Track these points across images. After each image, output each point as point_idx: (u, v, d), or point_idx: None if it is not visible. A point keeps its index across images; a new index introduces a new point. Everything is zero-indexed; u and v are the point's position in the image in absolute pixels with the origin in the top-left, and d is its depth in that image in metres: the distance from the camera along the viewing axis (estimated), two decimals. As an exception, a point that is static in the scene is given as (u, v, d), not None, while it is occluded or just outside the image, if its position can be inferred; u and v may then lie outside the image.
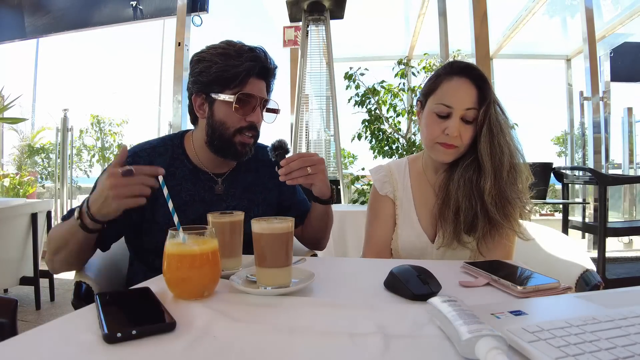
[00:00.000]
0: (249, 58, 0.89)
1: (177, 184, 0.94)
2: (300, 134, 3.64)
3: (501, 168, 0.90)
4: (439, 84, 0.95)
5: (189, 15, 3.55)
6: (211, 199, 0.95)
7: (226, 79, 0.88)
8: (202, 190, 0.96)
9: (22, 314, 2.24)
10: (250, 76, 0.90)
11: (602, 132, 3.60)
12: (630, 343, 0.39)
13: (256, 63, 0.90)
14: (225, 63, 0.88)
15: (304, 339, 0.47)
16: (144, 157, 0.93)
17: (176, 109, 3.43)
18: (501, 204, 0.89)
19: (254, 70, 0.90)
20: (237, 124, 0.91)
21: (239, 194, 1.00)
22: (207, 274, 0.62)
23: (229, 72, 0.88)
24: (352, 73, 3.06)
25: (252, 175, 1.03)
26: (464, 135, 0.92)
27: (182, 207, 0.91)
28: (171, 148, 0.97)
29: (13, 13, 4.07)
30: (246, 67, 0.88)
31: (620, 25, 4.19)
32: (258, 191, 1.03)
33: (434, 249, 0.99)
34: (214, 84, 0.89)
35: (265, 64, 0.92)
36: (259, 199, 1.03)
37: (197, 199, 0.94)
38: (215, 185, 0.97)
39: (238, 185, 1.00)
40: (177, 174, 0.95)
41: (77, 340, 0.46)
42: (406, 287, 0.61)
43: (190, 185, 0.95)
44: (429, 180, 1.04)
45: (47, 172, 5.25)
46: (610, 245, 3.24)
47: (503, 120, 0.93)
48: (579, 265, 0.97)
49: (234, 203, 0.98)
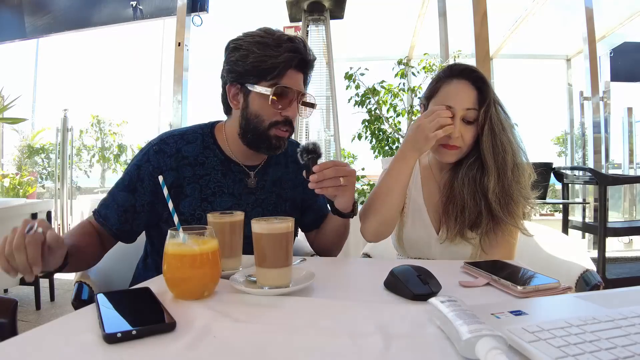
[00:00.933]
0: (288, 49, 0.84)
1: (206, 174, 0.91)
2: (300, 134, 3.64)
3: (505, 166, 0.91)
4: (439, 88, 0.97)
5: (189, 15, 3.55)
6: (241, 192, 0.93)
7: (263, 70, 0.84)
8: (231, 182, 0.92)
9: (22, 314, 2.24)
10: (289, 68, 0.85)
11: (602, 132, 3.60)
12: (631, 343, 0.39)
13: (295, 54, 0.85)
14: (263, 53, 0.83)
15: (304, 339, 0.47)
16: (171, 144, 0.91)
17: (176, 109, 3.43)
18: (505, 202, 0.91)
19: (292, 62, 0.85)
20: (273, 117, 0.87)
21: (268, 188, 0.97)
22: (207, 274, 0.62)
23: (267, 62, 0.83)
24: (352, 73, 3.06)
25: (281, 169, 1.00)
26: (465, 136, 0.93)
27: (209, 198, 0.89)
28: (201, 136, 0.94)
29: (13, 13, 4.07)
30: (285, 58, 0.83)
31: (620, 25, 4.19)
32: (287, 187, 1.00)
33: (437, 242, 1.00)
34: (250, 74, 0.85)
35: (304, 55, 0.87)
36: (287, 195, 1.00)
37: (226, 191, 0.92)
38: (247, 179, 0.94)
39: (268, 178, 0.97)
40: (207, 164, 0.92)
41: (77, 341, 0.46)
42: (406, 287, 0.61)
43: (220, 176, 0.92)
44: (434, 177, 1.06)
45: (47, 172, 5.25)
46: (610, 245, 3.24)
47: (504, 120, 0.94)
48: (579, 265, 0.97)
49: (263, 196, 0.95)
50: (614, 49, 4.12)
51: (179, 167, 0.89)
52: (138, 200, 0.88)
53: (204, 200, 0.89)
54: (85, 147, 5.66)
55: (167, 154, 0.90)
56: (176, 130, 0.95)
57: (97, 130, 5.59)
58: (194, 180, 0.90)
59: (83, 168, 5.61)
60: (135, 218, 0.88)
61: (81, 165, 5.59)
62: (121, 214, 0.88)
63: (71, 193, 3.84)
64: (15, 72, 5.42)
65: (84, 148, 5.66)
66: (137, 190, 0.88)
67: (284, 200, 0.99)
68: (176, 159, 0.90)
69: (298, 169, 1.00)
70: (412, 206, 1.05)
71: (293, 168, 1.02)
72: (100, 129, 5.59)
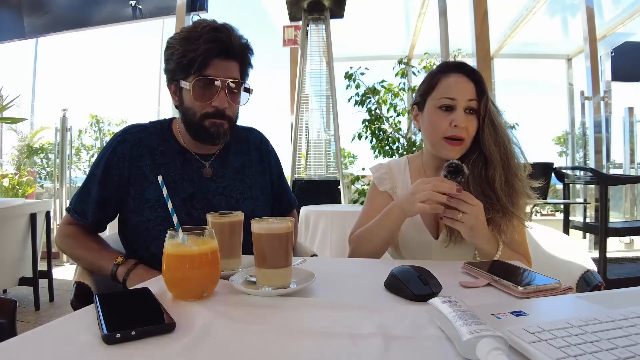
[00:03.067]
0: (207, 39, 0.83)
1: (166, 162, 0.94)
2: (300, 133, 3.64)
3: (507, 157, 0.92)
4: (437, 82, 0.98)
5: (189, 15, 3.55)
6: (200, 180, 0.95)
7: (186, 65, 0.85)
8: (190, 170, 0.95)
9: (21, 314, 2.24)
10: (211, 58, 0.85)
11: (603, 132, 3.60)
12: (632, 343, 0.39)
13: (214, 44, 0.84)
14: (185, 48, 0.84)
15: (304, 339, 0.47)
16: (134, 134, 0.95)
17: (176, 110, 3.43)
18: (509, 192, 0.91)
19: (212, 52, 0.84)
20: (202, 109, 0.88)
21: (229, 175, 0.98)
22: (206, 275, 0.62)
23: (187, 57, 0.84)
24: (352, 72, 3.06)
25: (243, 156, 1.03)
26: (469, 127, 0.94)
27: (172, 185, 0.92)
28: (160, 130, 0.98)
29: (12, 13, 4.06)
30: (203, 49, 0.83)
31: (621, 25, 4.19)
32: (251, 173, 1.03)
33: (437, 246, 0.99)
34: (178, 71, 0.87)
35: (226, 43, 0.85)
36: (253, 181, 1.02)
37: (186, 179, 0.94)
38: (202, 168, 0.96)
39: (228, 166, 0.99)
40: (167, 153, 0.95)
41: (76, 341, 0.45)
42: (407, 287, 0.61)
43: (179, 164, 0.95)
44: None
45: (46, 172, 5.25)
46: (611, 246, 3.23)
47: (498, 115, 0.96)
48: (580, 266, 0.97)
49: (224, 184, 0.97)
50: (615, 48, 4.12)
51: (141, 155, 0.93)
52: (107, 190, 0.92)
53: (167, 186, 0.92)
54: (85, 147, 5.66)
55: (130, 142, 0.93)
56: (138, 124, 0.99)
57: (97, 130, 5.59)
58: (155, 168, 0.93)
59: (82, 168, 5.60)
60: (106, 208, 0.93)
61: (80, 165, 5.59)
62: (95, 207, 0.92)
63: (70, 193, 3.84)
64: (14, 71, 5.42)
65: (83, 148, 5.66)
66: (105, 182, 0.92)
67: (250, 186, 1.01)
68: (138, 148, 0.93)
69: (260, 156, 1.06)
70: None
71: (255, 155, 1.05)
72: (100, 128, 5.59)
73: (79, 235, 0.94)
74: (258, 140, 1.07)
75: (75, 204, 0.94)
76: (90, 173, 0.94)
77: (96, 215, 0.93)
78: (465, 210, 0.82)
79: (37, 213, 2.37)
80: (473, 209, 0.82)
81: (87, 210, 0.92)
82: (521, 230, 0.95)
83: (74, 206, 0.94)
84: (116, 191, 0.91)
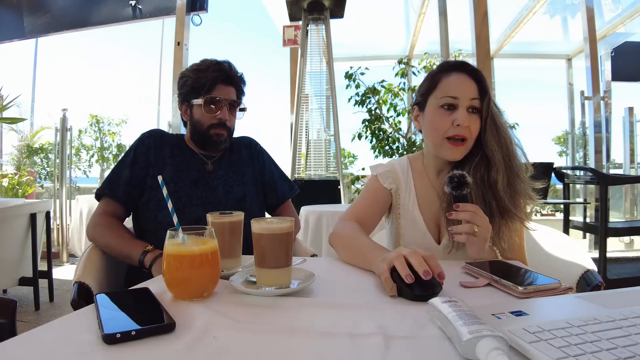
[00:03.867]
0: (213, 70, 1.13)
1: (179, 154, 1.16)
2: (300, 133, 3.64)
3: (509, 158, 0.91)
4: (438, 81, 0.95)
5: (189, 15, 3.54)
6: (202, 173, 1.16)
7: (198, 88, 1.13)
8: (196, 163, 1.17)
9: (21, 314, 2.24)
10: (217, 84, 1.12)
11: (603, 132, 3.60)
12: (632, 343, 0.39)
13: (219, 73, 1.13)
14: (197, 76, 1.13)
15: (304, 339, 0.47)
16: (157, 132, 1.19)
17: (175, 109, 3.43)
18: (511, 194, 0.90)
19: (218, 79, 1.13)
20: (209, 121, 1.14)
21: (225, 168, 1.20)
22: (206, 275, 0.62)
23: (199, 82, 1.12)
24: (352, 72, 3.06)
25: (235, 155, 1.25)
26: (472, 127, 0.91)
27: (183, 169, 1.14)
28: (175, 137, 1.22)
29: (12, 12, 4.06)
30: (212, 76, 1.12)
31: (621, 25, 4.19)
32: (241, 165, 1.24)
33: (439, 251, 0.97)
34: (191, 93, 1.14)
35: (228, 73, 1.15)
36: (242, 171, 1.22)
37: (193, 168, 1.16)
38: (205, 165, 1.18)
39: (223, 163, 1.21)
40: (180, 150, 1.18)
41: (76, 341, 0.45)
42: (407, 287, 0.61)
43: (189, 157, 1.18)
44: (431, 183, 1.03)
45: (46, 172, 5.25)
46: (612, 246, 3.24)
47: (500, 115, 0.94)
48: (580, 266, 0.97)
49: (220, 173, 1.18)
50: (615, 48, 4.12)
51: (162, 145, 1.16)
52: (135, 172, 1.10)
53: (179, 170, 1.13)
54: (84, 147, 5.66)
55: (155, 137, 1.17)
56: (162, 130, 1.23)
57: (96, 130, 5.59)
58: (172, 156, 1.15)
59: (82, 168, 5.60)
60: (134, 188, 1.10)
61: (80, 165, 5.59)
62: (125, 186, 1.09)
63: (70, 193, 3.84)
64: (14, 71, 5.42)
65: (83, 148, 5.66)
66: (134, 165, 1.11)
67: (240, 175, 1.21)
68: (161, 141, 1.17)
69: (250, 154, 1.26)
70: (407, 216, 1.02)
71: (245, 153, 1.27)
72: (99, 128, 5.59)
73: (113, 224, 1.06)
74: (247, 142, 1.30)
75: (105, 184, 1.10)
76: (120, 162, 1.13)
77: (125, 194, 1.09)
78: (481, 223, 0.80)
79: (37, 213, 2.36)
80: (485, 221, 0.81)
81: (117, 190, 1.09)
82: (521, 232, 0.94)
83: (105, 186, 1.10)
84: (142, 174, 1.10)
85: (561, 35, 5.20)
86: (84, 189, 5.30)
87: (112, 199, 1.09)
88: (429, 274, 0.61)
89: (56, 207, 3.70)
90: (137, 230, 1.14)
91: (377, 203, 1.04)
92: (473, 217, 0.80)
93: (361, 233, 0.91)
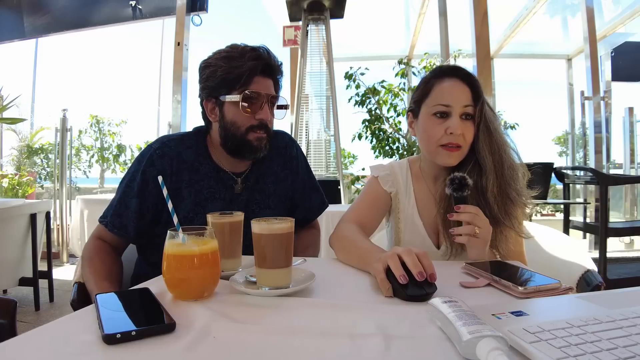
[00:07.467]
0: (251, 57, 0.90)
1: (200, 179, 0.96)
2: (300, 133, 3.64)
3: (502, 164, 0.89)
4: (431, 88, 0.94)
5: (189, 15, 3.54)
6: (231, 197, 0.98)
7: (231, 80, 0.90)
8: (223, 188, 0.97)
9: (21, 314, 2.23)
10: (255, 75, 0.90)
11: (603, 132, 3.60)
12: (632, 343, 0.39)
13: (258, 62, 0.90)
14: (229, 65, 0.90)
15: (304, 339, 0.47)
16: (172, 148, 0.95)
17: (175, 109, 3.43)
18: (502, 202, 0.89)
19: (257, 69, 0.90)
20: (248, 122, 0.92)
21: (251, 186, 1.00)
22: (206, 275, 0.62)
23: (233, 73, 0.89)
24: (352, 73, 3.06)
25: (266, 163, 1.03)
26: (466, 134, 0.90)
27: (202, 203, 0.94)
28: (196, 143, 0.98)
29: (12, 13, 4.06)
30: (249, 66, 0.89)
31: (621, 25, 4.19)
32: (270, 181, 1.03)
33: (438, 256, 0.97)
34: (221, 86, 0.91)
35: (268, 61, 0.92)
36: (270, 189, 1.02)
37: (217, 197, 0.96)
38: (234, 185, 0.98)
39: (252, 176, 1.01)
40: (201, 170, 0.97)
41: (76, 341, 0.45)
42: (400, 288, 0.61)
43: (213, 182, 0.97)
44: (429, 189, 1.03)
45: (46, 172, 5.25)
46: (612, 246, 3.24)
47: (495, 119, 0.93)
48: (580, 266, 0.97)
49: (247, 196, 0.99)
50: (615, 48, 4.12)
51: (179, 170, 0.94)
52: (146, 202, 0.92)
53: (197, 204, 0.94)
54: (85, 148, 5.66)
55: (169, 157, 0.94)
56: (176, 134, 1.00)
57: (96, 130, 5.59)
58: (190, 184, 0.94)
59: (82, 168, 5.61)
60: (145, 218, 0.93)
61: (80, 165, 5.59)
62: (137, 220, 0.92)
63: (70, 193, 3.84)
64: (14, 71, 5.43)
65: (83, 148, 5.66)
66: (144, 194, 0.92)
67: (267, 195, 1.02)
68: (177, 162, 0.94)
69: (284, 162, 1.05)
70: (407, 220, 1.01)
71: (278, 160, 1.04)
72: (99, 129, 5.59)
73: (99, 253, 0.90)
74: (283, 145, 1.06)
75: (112, 218, 0.92)
76: (126, 186, 0.93)
77: (137, 228, 0.92)
78: (482, 224, 0.79)
79: (37, 213, 2.36)
80: (486, 223, 0.80)
81: (127, 225, 0.92)
82: (518, 241, 0.93)
83: (112, 220, 0.92)
84: (154, 203, 0.92)
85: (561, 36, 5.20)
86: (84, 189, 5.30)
87: (120, 237, 0.93)
88: (423, 275, 0.61)
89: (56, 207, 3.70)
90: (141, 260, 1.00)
91: (378, 206, 1.04)
92: (474, 219, 0.80)
93: (360, 235, 0.91)
